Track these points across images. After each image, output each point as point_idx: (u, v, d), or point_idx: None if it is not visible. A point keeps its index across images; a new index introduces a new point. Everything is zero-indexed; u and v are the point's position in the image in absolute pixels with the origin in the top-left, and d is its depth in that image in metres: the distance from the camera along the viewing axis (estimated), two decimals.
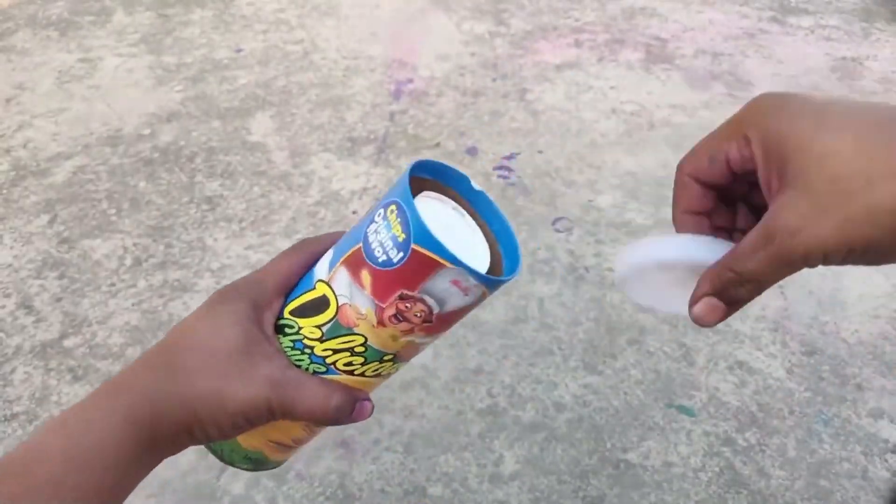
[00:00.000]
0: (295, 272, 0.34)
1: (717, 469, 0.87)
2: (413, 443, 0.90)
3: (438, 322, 0.30)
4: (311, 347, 0.32)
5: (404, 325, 0.30)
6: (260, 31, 1.79)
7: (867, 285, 1.12)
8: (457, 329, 0.38)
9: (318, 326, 0.31)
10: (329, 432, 0.91)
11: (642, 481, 0.86)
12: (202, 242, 1.20)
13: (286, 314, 0.33)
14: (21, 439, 0.92)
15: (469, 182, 0.32)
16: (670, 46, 1.74)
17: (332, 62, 1.67)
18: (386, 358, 0.32)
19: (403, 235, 0.28)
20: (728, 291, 0.29)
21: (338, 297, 0.31)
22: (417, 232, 0.28)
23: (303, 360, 0.32)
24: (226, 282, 1.14)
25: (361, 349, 0.31)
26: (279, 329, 0.33)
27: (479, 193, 0.32)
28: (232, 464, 0.35)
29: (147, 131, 1.46)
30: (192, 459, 0.89)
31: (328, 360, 0.32)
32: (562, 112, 1.50)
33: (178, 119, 1.49)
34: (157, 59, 1.68)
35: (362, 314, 0.30)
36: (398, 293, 0.29)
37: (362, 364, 0.32)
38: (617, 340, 1.03)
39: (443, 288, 0.29)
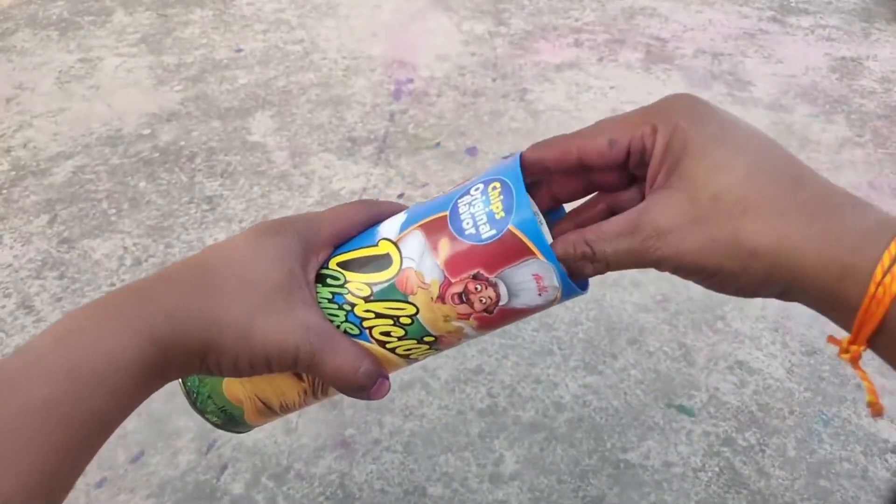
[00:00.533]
0: (353, 225, 0.31)
1: (716, 469, 0.87)
2: (413, 443, 0.90)
3: (497, 316, 0.29)
4: (353, 305, 0.29)
5: (464, 308, 0.28)
6: (260, 31, 1.79)
7: None
8: None
9: (370, 284, 0.29)
10: (329, 432, 0.91)
11: (642, 481, 0.86)
12: (202, 242, 1.20)
13: (332, 265, 0.30)
14: None
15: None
16: (670, 46, 1.74)
17: (332, 62, 1.67)
18: (426, 339, 0.30)
19: (503, 213, 0.27)
20: (576, 262, 0.27)
21: (403, 259, 0.28)
22: (520, 213, 0.26)
23: (337, 315, 0.30)
24: None
25: (407, 321, 0.29)
26: (320, 279, 0.30)
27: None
28: (202, 412, 0.32)
29: (147, 131, 1.46)
30: (192, 459, 0.89)
31: (365, 324, 0.29)
32: (562, 112, 1.50)
33: (178, 119, 1.49)
34: (157, 58, 1.68)
35: (426, 283, 0.28)
36: (473, 272, 0.27)
37: (399, 338, 0.30)
38: (617, 340, 1.03)
39: (522, 279, 0.27)
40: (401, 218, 0.31)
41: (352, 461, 0.88)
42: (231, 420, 0.34)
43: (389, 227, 0.30)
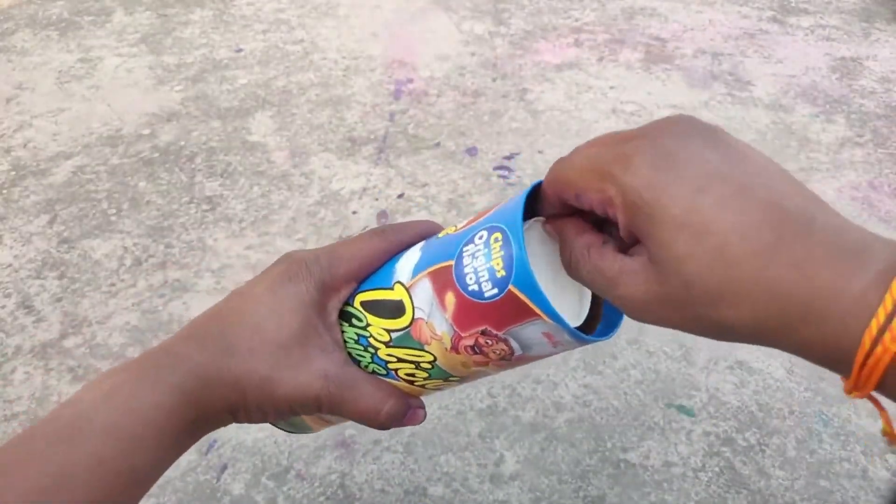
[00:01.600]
0: (374, 260, 0.31)
1: (717, 469, 0.87)
2: (413, 443, 0.90)
3: (516, 361, 0.28)
4: (376, 349, 0.29)
5: (479, 358, 0.28)
6: (260, 31, 1.79)
7: None
8: None
9: (388, 330, 0.29)
10: (329, 432, 0.91)
11: (642, 481, 0.86)
12: (202, 242, 1.20)
13: (357, 304, 0.30)
14: None
15: None
16: (670, 46, 1.74)
17: (332, 62, 1.67)
18: (451, 379, 0.30)
19: (503, 273, 0.25)
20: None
21: (415, 310, 0.28)
22: (520, 273, 0.25)
23: (364, 357, 0.30)
24: (225, 282, 1.14)
25: (428, 366, 0.29)
26: (345, 316, 0.30)
27: None
28: (274, 423, 0.34)
29: (147, 131, 1.46)
30: (192, 459, 0.89)
31: (390, 366, 0.29)
32: (562, 112, 1.50)
33: (178, 119, 1.49)
34: (157, 58, 1.68)
35: (437, 335, 0.28)
36: (481, 328, 0.26)
37: (425, 379, 0.30)
38: (617, 340, 1.03)
39: (532, 337, 0.26)
40: (414, 257, 0.30)
41: (352, 461, 0.88)
42: (299, 428, 0.35)
43: (404, 268, 0.30)
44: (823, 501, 0.84)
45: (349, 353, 0.30)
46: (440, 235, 0.30)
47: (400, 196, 1.29)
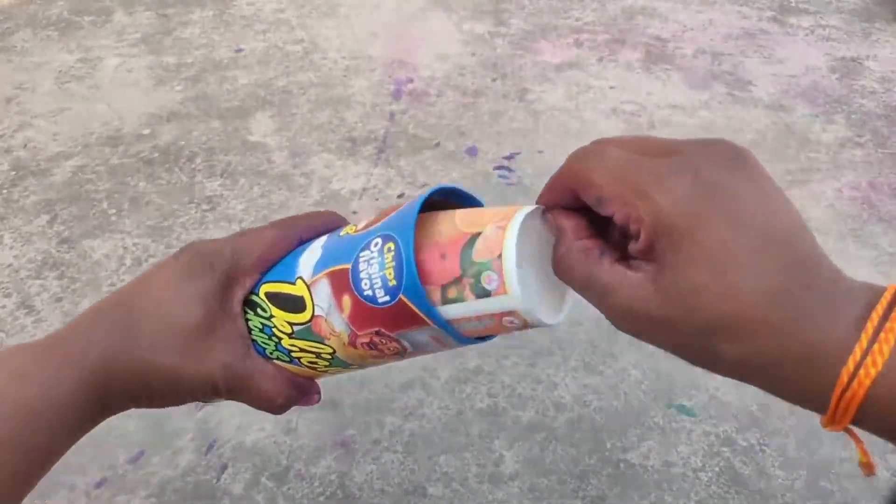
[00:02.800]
0: (278, 251, 0.33)
1: (717, 469, 0.87)
2: (413, 443, 0.90)
3: (410, 355, 0.30)
4: (279, 338, 0.31)
5: (375, 353, 0.30)
6: (260, 31, 1.79)
7: None
8: None
9: (290, 323, 0.31)
10: (329, 432, 0.91)
11: (642, 481, 0.86)
12: None
13: (262, 294, 0.32)
14: None
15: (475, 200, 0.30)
16: (670, 46, 1.74)
17: (332, 62, 1.67)
18: (351, 367, 0.32)
19: (394, 282, 0.27)
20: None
21: (315, 307, 0.30)
22: (409, 284, 0.26)
23: (269, 345, 0.31)
24: None
25: (328, 357, 0.31)
26: (251, 304, 0.32)
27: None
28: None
29: (147, 131, 1.46)
30: (192, 459, 0.89)
31: (293, 354, 0.31)
32: (562, 112, 1.50)
33: (178, 119, 1.49)
34: (157, 58, 1.68)
35: (336, 332, 0.29)
36: (375, 329, 0.28)
37: (326, 366, 0.32)
38: (617, 340, 1.03)
39: (422, 339, 0.28)
40: (316, 254, 0.31)
41: (352, 461, 0.88)
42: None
43: (306, 263, 0.31)
44: (824, 502, 0.84)
45: (254, 341, 0.32)
46: (342, 234, 0.31)
47: (400, 196, 1.29)
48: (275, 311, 0.31)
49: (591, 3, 1.92)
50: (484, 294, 0.27)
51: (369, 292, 0.28)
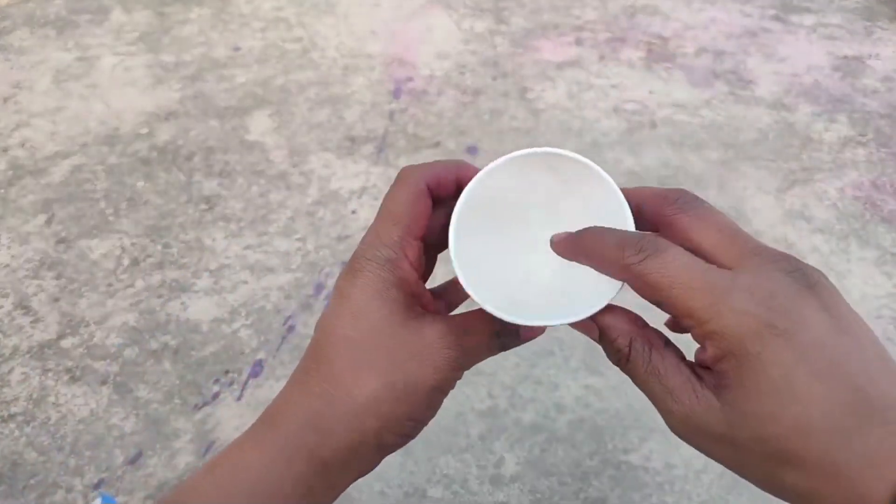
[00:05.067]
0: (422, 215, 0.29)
1: (718, 470, 0.87)
2: (413, 444, 0.89)
3: None
4: None
5: None
6: (258, 30, 1.78)
7: (870, 286, 1.11)
8: None
9: None
10: None
11: (644, 483, 0.86)
12: (200, 242, 1.19)
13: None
14: (18, 440, 0.91)
15: None
16: (672, 45, 1.73)
17: (331, 60, 1.66)
18: None
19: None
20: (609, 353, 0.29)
21: None
22: None
23: None
24: (223, 282, 1.14)
25: None
26: None
27: None
28: None
29: (145, 130, 1.45)
30: (190, 461, 0.88)
31: None
32: (563, 111, 1.50)
33: (176, 118, 1.48)
34: (155, 57, 1.68)
35: None
36: None
37: None
38: None
39: None
40: None
41: None
42: None
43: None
44: None
45: None
46: None
47: None
48: None
49: (591, 1, 1.91)
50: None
51: None
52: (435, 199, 0.30)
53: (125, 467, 0.88)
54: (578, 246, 0.28)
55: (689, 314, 0.24)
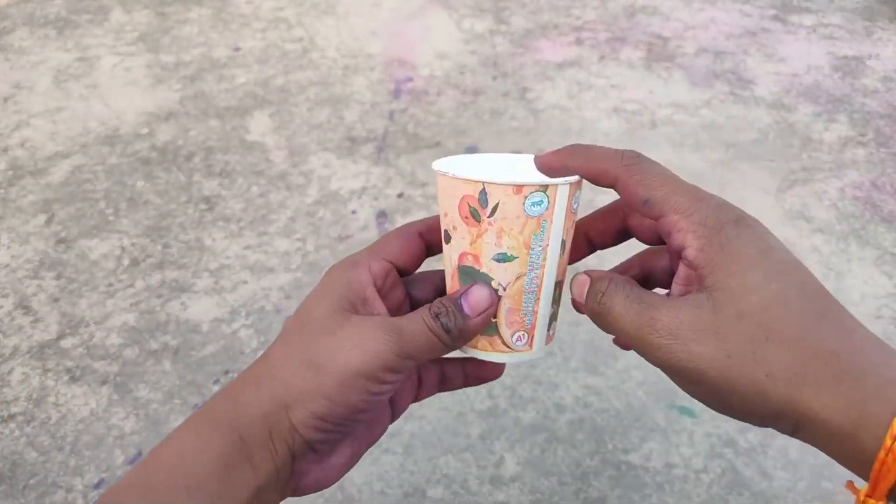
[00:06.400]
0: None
1: (718, 470, 0.87)
2: (412, 444, 0.90)
3: None
4: None
5: None
6: (258, 30, 1.78)
7: (869, 286, 1.11)
8: None
9: None
10: None
11: (644, 483, 0.86)
12: (200, 242, 1.19)
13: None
14: (18, 440, 0.91)
15: None
16: (672, 45, 1.73)
17: (332, 61, 1.66)
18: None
19: None
20: (588, 302, 0.30)
21: None
22: None
23: None
24: (223, 283, 1.14)
25: None
26: None
27: None
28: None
29: (145, 130, 1.45)
30: None
31: None
32: (563, 111, 1.50)
33: (176, 118, 1.48)
34: (155, 57, 1.68)
35: None
36: None
37: None
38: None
39: None
40: None
41: None
42: None
43: None
44: (826, 503, 0.84)
45: None
46: None
47: (399, 195, 1.28)
48: None
49: (591, 1, 1.91)
50: None
51: None
52: (429, 244, 0.34)
53: (125, 467, 0.88)
54: (572, 155, 0.31)
55: (676, 209, 0.27)
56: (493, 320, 0.31)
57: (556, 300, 0.33)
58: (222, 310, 1.07)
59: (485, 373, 0.34)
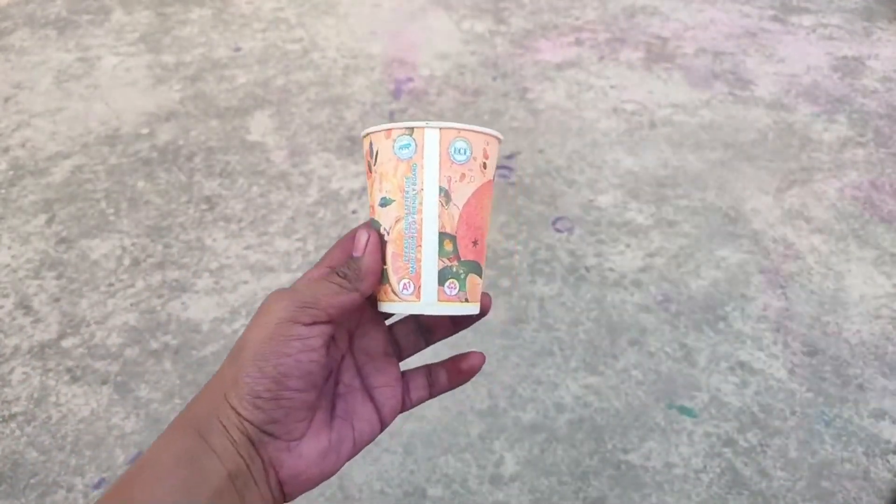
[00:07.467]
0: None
1: (718, 470, 0.87)
2: (413, 444, 0.90)
3: None
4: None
5: None
6: (259, 30, 1.78)
7: (869, 286, 1.11)
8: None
9: None
10: None
11: (643, 482, 0.86)
12: (201, 242, 1.19)
13: None
14: (19, 440, 0.91)
15: None
16: (671, 45, 1.73)
17: (332, 61, 1.67)
18: None
19: None
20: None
21: None
22: None
23: None
24: (224, 282, 1.14)
25: None
26: None
27: None
28: None
29: (145, 130, 1.46)
30: None
31: None
32: (562, 111, 1.50)
33: (176, 118, 1.49)
34: (156, 57, 1.68)
35: None
36: None
37: None
38: (618, 341, 1.02)
39: None
40: None
41: (351, 462, 0.88)
42: None
43: None
44: (825, 502, 0.84)
45: None
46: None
47: None
48: None
49: (591, 2, 1.91)
50: None
51: None
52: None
53: (126, 467, 0.88)
54: None
55: None
56: (384, 267, 0.33)
57: (449, 255, 0.32)
58: (223, 309, 1.07)
59: (459, 366, 0.35)
